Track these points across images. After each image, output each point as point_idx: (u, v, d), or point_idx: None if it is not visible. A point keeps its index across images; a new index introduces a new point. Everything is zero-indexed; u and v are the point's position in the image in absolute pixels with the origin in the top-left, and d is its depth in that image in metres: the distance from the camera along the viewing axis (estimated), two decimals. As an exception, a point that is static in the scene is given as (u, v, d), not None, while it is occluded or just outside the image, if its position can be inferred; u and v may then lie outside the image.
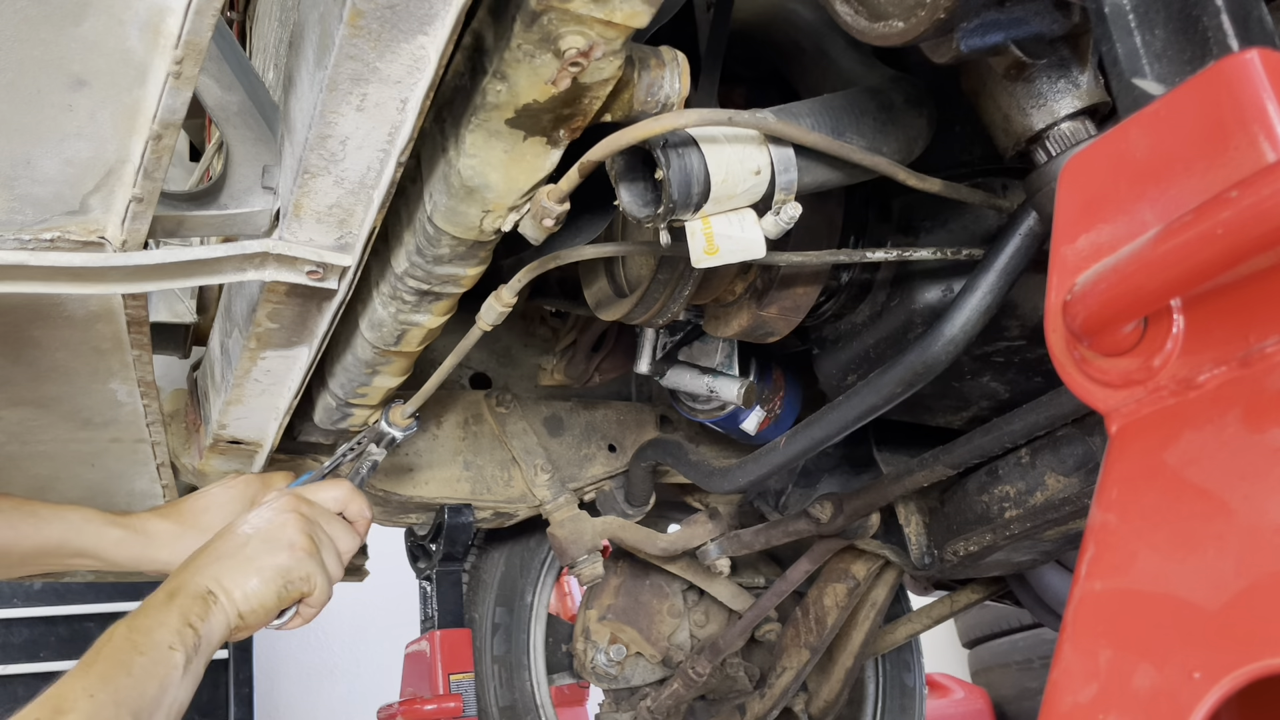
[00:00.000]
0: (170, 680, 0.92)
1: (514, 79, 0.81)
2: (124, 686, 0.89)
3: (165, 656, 0.92)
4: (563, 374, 1.71)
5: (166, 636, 0.94)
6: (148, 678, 0.90)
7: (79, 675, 0.89)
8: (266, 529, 1.07)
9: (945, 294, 1.11)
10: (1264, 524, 0.48)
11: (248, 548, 1.05)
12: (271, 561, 1.05)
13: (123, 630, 0.94)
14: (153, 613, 0.96)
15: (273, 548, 1.06)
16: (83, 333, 1.07)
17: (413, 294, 1.08)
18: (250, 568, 1.03)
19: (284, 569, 1.05)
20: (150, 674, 0.91)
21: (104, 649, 0.92)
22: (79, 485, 1.46)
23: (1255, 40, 0.60)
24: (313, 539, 1.09)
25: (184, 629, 0.95)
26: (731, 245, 0.90)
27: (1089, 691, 0.53)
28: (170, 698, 0.92)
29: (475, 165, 0.89)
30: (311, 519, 1.11)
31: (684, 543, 1.65)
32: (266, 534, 1.07)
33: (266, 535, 1.07)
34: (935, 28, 0.76)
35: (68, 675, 0.89)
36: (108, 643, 0.92)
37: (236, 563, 1.03)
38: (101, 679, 0.88)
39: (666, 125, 0.84)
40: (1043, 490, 1.23)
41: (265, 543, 1.06)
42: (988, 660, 4.18)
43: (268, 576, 1.04)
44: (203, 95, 0.91)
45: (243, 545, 1.05)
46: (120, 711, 0.87)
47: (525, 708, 1.96)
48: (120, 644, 0.92)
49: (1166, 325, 0.55)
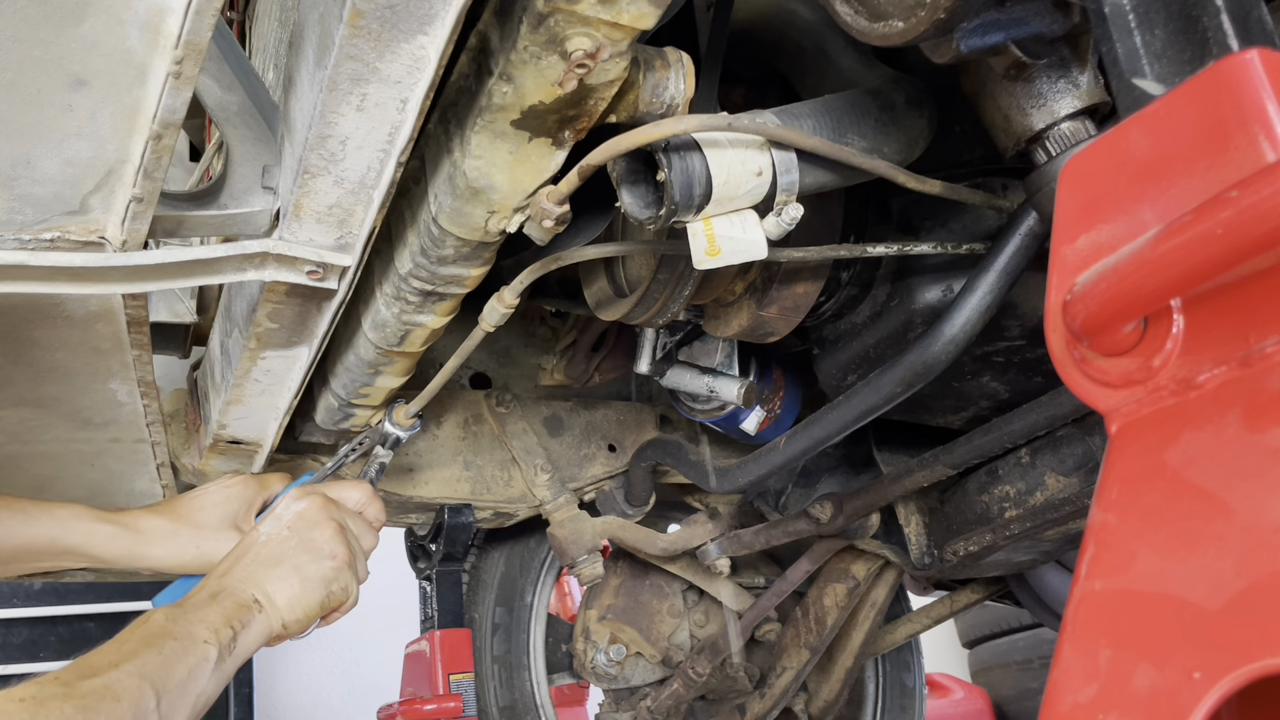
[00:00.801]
0: (199, 670, 0.93)
1: (520, 80, 0.80)
2: (151, 662, 0.90)
3: (197, 647, 0.94)
4: (563, 374, 1.71)
5: (202, 631, 0.96)
6: (176, 660, 0.92)
7: (110, 649, 0.90)
8: (309, 537, 1.09)
9: (945, 294, 1.11)
10: (1264, 524, 0.48)
11: (294, 558, 1.07)
12: (317, 572, 1.07)
13: (159, 617, 0.96)
14: (194, 609, 0.99)
15: (317, 558, 1.08)
16: (83, 333, 1.07)
17: (416, 294, 1.08)
18: (296, 578, 1.06)
19: (327, 580, 1.08)
20: (179, 658, 0.92)
21: (137, 630, 0.94)
22: (79, 485, 1.46)
23: (1255, 40, 0.60)
24: (350, 548, 1.11)
25: (222, 628, 0.97)
26: (733, 246, 0.90)
27: (1089, 691, 0.53)
28: (197, 687, 0.93)
29: (480, 166, 0.89)
30: (344, 525, 1.13)
31: (684, 543, 1.65)
32: (310, 543, 1.09)
33: (310, 545, 1.09)
34: (935, 28, 0.76)
35: (98, 650, 0.91)
36: (143, 624, 0.95)
37: (283, 572, 1.06)
38: (131, 655, 0.90)
39: (666, 131, 0.84)
40: (1043, 490, 1.23)
41: (310, 553, 1.08)
42: (988, 660, 4.18)
43: (313, 588, 1.06)
44: (203, 95, 0.91)
45: (288, 554, 1.07)
46: (143, 684, 0.88)
47: (525, 708, 1.96)
48: (154, 628, 0.94)
49: (1166, 325, 0.55)
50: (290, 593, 1.05)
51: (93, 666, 0.87)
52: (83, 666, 0.88)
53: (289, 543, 1.08)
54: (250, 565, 1.06)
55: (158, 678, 0.90)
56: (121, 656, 0.89)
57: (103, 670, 0.87)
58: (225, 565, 1.07)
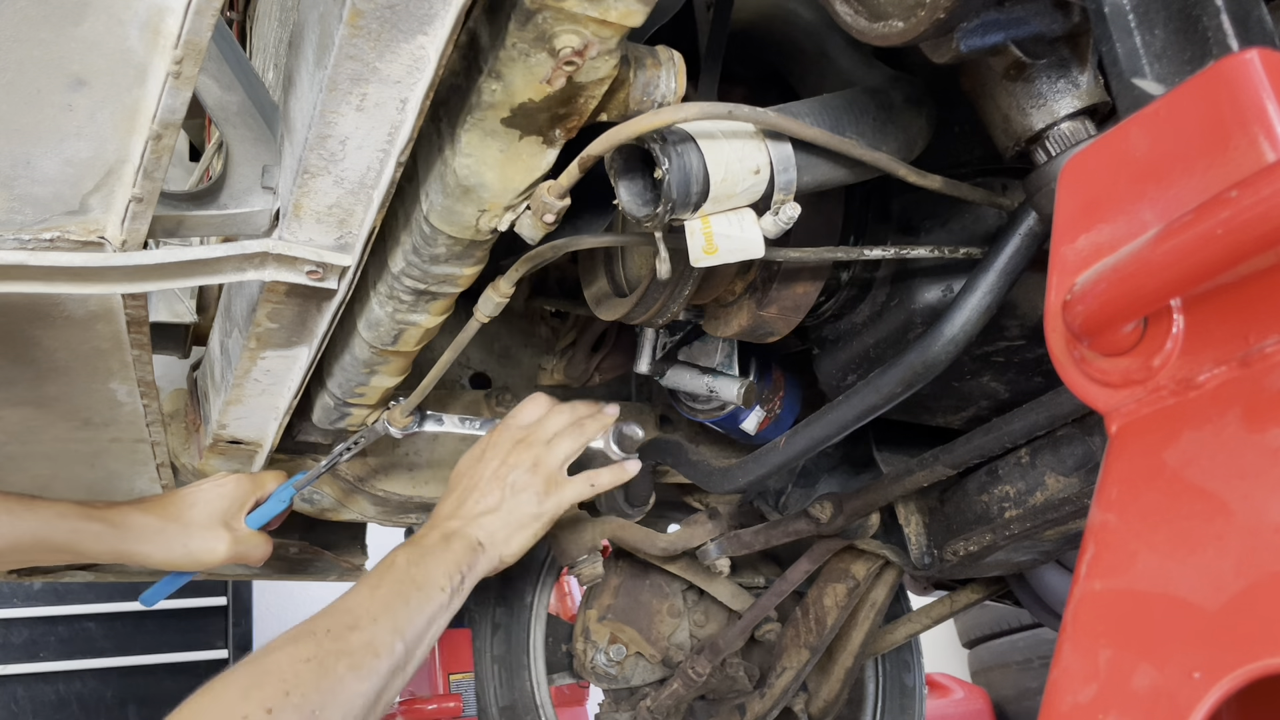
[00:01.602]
0: (438, 616, 1.08)
1: (509, 78, 0.80)
2: (401, 617, 1.03)
3: (435, 595, 1.08)
4: (563, 374, 1.71)
5: (439, 578, 1.09)
6: (419, 612, 1.05)
7: (366, 597, 1.04)
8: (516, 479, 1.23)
9: (945, 294, 1.11)
10: (1264, 524, 0.48)
11: (507, 501, 1.22)
12: (526, 512, 1.22)
13: (403, 562, 1.09)
14: (430, 552, 1.13)
15: (523, 500, 1.22)
16: (83, 333, 1.07)
17: (409, 294, 1.08)
18: (512, 519, 1.21)
19: (536, 515, 1.23)
20: (422, 609, 1.06)
21: (386, 575, 1.08)
22: (79, 485, 1.46)
23: (1255, 40, 0.60)
24: (550, 479, 1.24)
25: (454, 573, 1.11)
26: (731, 245, 0.90)
27: (1089, 691, 0.53)
28: (434, 630, 1.07)
29: (471, 165, 0.89)
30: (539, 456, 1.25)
31: (684, 543, 1.65)
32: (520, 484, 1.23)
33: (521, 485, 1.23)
34: (935, 28, 0.76)
35: (354, 591, 1.04)
36: (389, 569, 1.08)
37: (505, 520, 1.21)
38: (385, 606, 1.03)
39: (668, 119, 0.84)
40: (1043, 490, 1.23)
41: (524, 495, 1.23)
42: (988, 660, 4.18)
43: (532, 530, 1.22)
44: (203, 95, 0.91)
45: (506, 498, 1.22)
46: (395, 638, 1.01)
47: (525, 708, 1.96)
48: (401, 576, 1.08)
49: (1166, 325, 0.55)
50: (506, 534, 1.20)
51: (355, 617, 1.00)
52: (346, 615, 1.00)
53: (505, 488, 1.22)
54: (471, 509, 1.20)
55: (407, 629, 1.03)
56: (377, 607, 1.02)
57: (365, 623, 1.00)
58: (449, 508, 1.21)
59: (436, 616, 1.07)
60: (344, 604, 1.02)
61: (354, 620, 1.00)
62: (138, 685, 3.92)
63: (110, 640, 3.94)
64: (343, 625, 0.99)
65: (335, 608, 1.02)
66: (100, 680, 3.89)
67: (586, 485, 1.28)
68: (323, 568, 1.97)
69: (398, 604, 1.04)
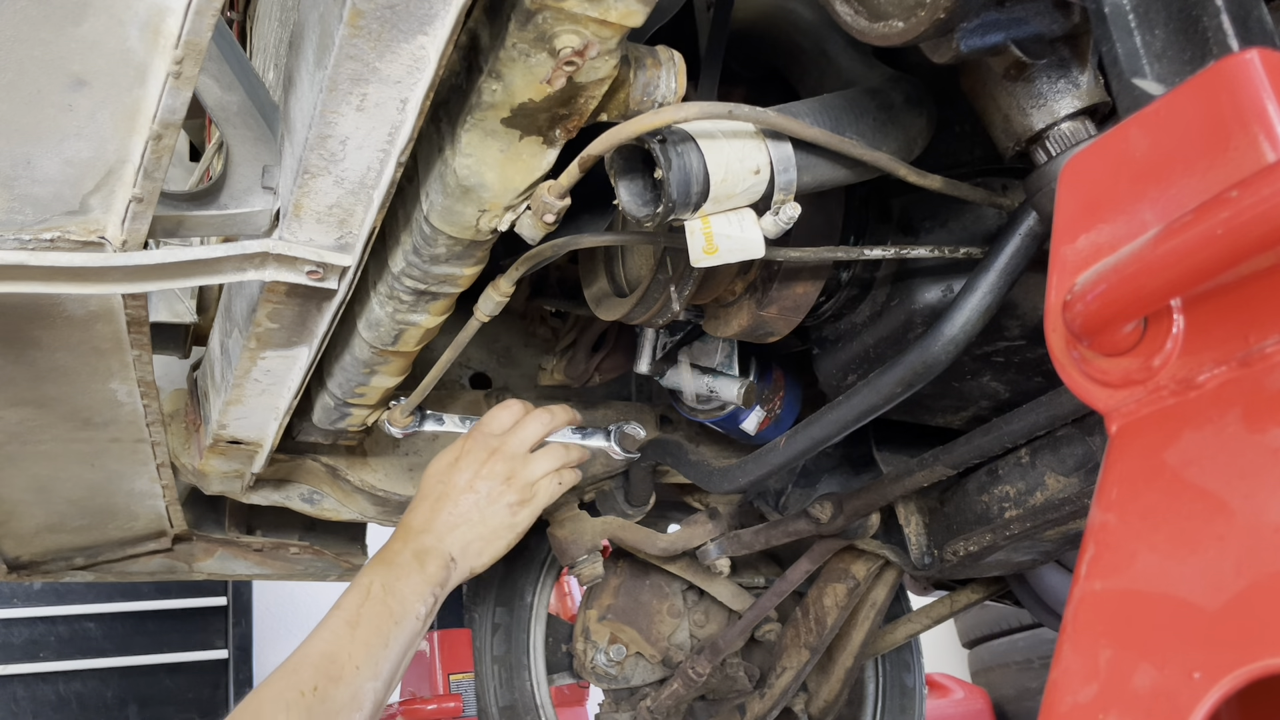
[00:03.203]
0: (414, 642, 1.09)
1: (509, 78, 0.80)
2: (381, 659, 1.04)
3: (411, 624, 1.08)
4: (563, 374, 1.71)
5: (414, 604, 1.10)
6: (397, 645, 1.06)
7: (346, 639, 1.03)
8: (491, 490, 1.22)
9: (945, 294, 1.11)
10: (1264, 524, 0.48)
11: (476, 513, 1.21)
12: (507, 523, 1.22)
13: (379, 590, 1.09)
14: (403, 573, 1.12)
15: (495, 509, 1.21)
16: (83, 333, 1.07)
17: (410, 294, 1.08)
18: (483, 531, 1.20)
19: (516, 528, 1.23)
20: (399, 640, 1.07)
21: (364, 609, 1.07)
22: (79, 485, 1.46)
23: (1255, 40, 0.60)
24: (519, 486, 1.23)
25: (428, 595, 1.11)
26: (731, 245, 0.90)
27: (1089, 691, 0.53)
28: (410, 653, 1.09)
29: (471, 165, 0.89)
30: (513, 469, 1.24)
31: (684, 543, 1.65)
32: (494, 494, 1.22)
33: (495, 496, 1.22)
34: (935, 28, 0.76)
35: (333, 630, 1.04)
36: (366, 599, 1.07)
37: (478, 532, 1.20)
38: (366, 650, 1.04)
39: (668, 118, 0.84)
40: (1043, 490, 1.23)
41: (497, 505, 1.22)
42: (988, 660, 4.18)
43: (505, 540, 1.22)
44: (203, 95, 0.91)
45: (469, 510, 1.20)
46: (376, 683, 1.02)
47: (525, 708, 1.96)
48: (378, 609, 1.07)
49: (1166, 325, 0.55)
50: (480, 546, 1.20)
51: (339, 667, 1.00)
52: (330, 665, 1.00)
53: (480, 500, 1.21)
54: (446, 523, 1.19)
55: (386, 669, 1.04)
56: (359, 653, 1.03)
57: (348, 674, 1.01)
58: (421, 519, 1.19)
59: (413, 642, 1.09)
60: (326, 648, 1.02)
61: (338, 671, 1.01)
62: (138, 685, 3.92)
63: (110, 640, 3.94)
64: (327, 679, 1.00)
65: (318, 653, 1.02)
66: (100, 680, 3.89)
67: (555, 485, 1.27)
68: (323, 568, 1.97)
69: (377, 645, 1.04)
